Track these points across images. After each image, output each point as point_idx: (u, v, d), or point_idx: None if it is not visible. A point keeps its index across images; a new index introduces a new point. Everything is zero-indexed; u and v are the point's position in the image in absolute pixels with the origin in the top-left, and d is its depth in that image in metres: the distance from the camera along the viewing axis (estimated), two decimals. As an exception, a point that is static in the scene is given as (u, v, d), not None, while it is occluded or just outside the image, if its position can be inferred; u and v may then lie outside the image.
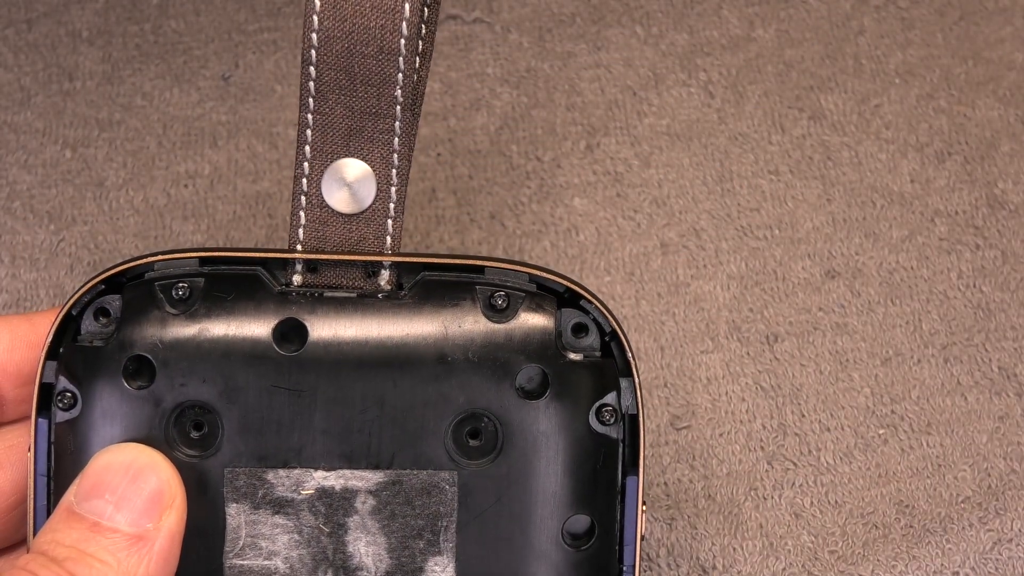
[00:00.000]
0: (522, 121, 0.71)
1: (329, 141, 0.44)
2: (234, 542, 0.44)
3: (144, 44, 0.73)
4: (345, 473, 0.44)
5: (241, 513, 0.44)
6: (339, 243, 0.45)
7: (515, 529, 0.45)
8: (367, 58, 0.43)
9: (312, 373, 0.44)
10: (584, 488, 0.45)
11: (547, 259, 0.65)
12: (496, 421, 0.44)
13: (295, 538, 0.44)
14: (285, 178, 0.68)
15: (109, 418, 0.44)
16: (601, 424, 0.45)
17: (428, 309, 0.44)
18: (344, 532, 0.44)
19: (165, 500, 0.43)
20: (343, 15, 0.42)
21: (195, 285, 0.44)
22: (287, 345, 0.44)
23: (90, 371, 0.44)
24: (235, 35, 0.73)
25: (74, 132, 0.69)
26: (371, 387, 0.44)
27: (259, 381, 0.44)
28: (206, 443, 0.44)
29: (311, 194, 0.45)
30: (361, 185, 0.45)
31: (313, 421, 0.44)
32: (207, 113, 0.70)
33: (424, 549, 0.45)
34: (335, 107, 0.44)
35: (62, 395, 0.44)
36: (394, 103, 0.44)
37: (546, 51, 0.73)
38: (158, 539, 0.42)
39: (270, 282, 0.45)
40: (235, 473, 0.44)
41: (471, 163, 0.69)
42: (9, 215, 0.66)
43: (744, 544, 0.57)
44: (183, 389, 0.44)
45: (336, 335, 0.44)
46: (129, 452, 0.43)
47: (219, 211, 0.67)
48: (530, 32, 0.74)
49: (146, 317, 0.44)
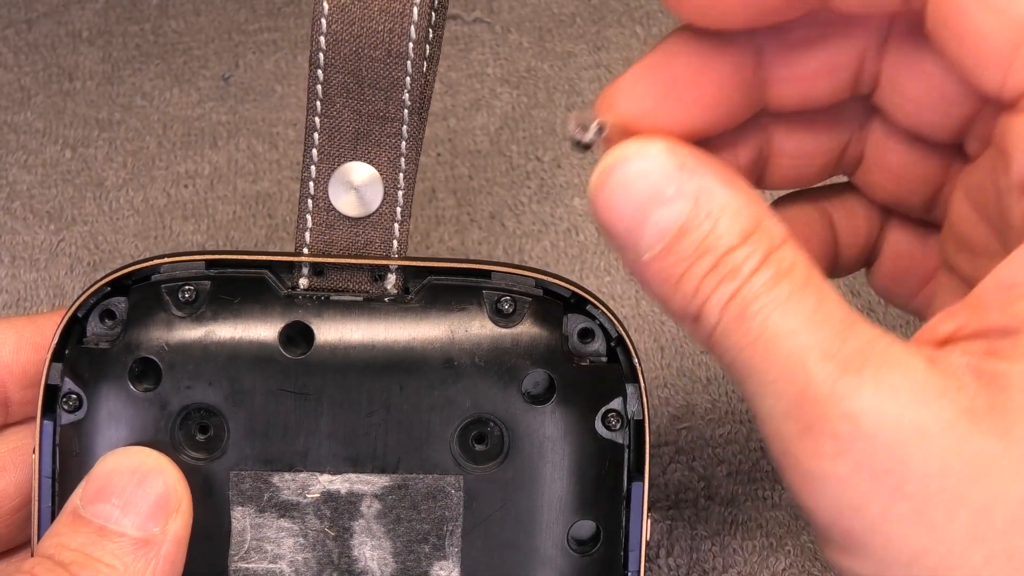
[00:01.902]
0: (522, 121, 0.71)
1: (336, 144, 0.44)
2: (239, 545, 0.44)
3: (144, 44, 0.73)
4: (351, 477, 0.44)
5: (246, 516, 0.44)
6: (346, 247, 0.45)
7: (520, 534, 0.45)
8: (375, 62, 0.43)
9: (318, 376, 0.44)
10: (589, 493, 0.45)
11: (547, 259, 0.65)
12: (502, 426, 0.44)
13: (300, 542, 0.44)
14: (285, 178, 0.68)
15: (115, 421, 0.44)
16: (607, 429, 0.45)
17: (434, 313, 0.44)
18: (350, 536, 0.44)
19: (171, 504, 0.42)
20: (351, 18, 0.42)
21: (201, 288, 0.44)
22: (293, 348, 0.44)
23: (96, 373, 0.44)
24: (235, 35, 0.73)
25: (74, 132, 0.69)
26: (377, 391, 0.44)
27: (265, 384, 0.44)
28: (212, 446, 0.44)
29: (318, 197, 0.44)
30: (368, 189, 0.44)
31: (319, 425, 0.44)
32: (207, 113, 0.70)
33: (429, 554, 0.45)
34: (342, 110, 0.44)
35: (67, 397, 0.44)
36: (402, 107, 0.43)
37: (546, 51, 0.73)
38: (164, 543, 0.42)
39: (276, 285, 0.45)
40: (240, 476, 0.44)
41: (471, 163, 0.69)
42: (9, 215, 0.66)
43: (744, 544, 0.57)
44: (189, 392, 0.44)
45: (342, 339, 0.44)
46: (135, 456, 0.43)
47: (219, 211, 0.67)
48: (530, 32, 0.74)
49: (152, 320, 0.44)
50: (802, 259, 0.39)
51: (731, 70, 0.42)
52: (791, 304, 0.38)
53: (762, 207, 0.40)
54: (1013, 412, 0.36)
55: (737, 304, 0.38)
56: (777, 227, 0.39)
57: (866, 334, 0.38)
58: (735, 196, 0.39)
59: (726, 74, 0.42)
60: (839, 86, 0.45)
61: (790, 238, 0.39)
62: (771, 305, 0.38)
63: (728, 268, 0.39)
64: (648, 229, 0.39)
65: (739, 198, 0.39)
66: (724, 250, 0.39)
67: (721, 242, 0.39)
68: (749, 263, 0.39)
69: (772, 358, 0.38)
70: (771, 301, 0.38)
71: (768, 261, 0.39)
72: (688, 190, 0.39)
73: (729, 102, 0.43)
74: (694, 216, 0.39)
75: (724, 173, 0.40)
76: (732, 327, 0.38)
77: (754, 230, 0.39)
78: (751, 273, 0.38)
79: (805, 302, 0.38)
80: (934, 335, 0.39)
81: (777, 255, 0.39)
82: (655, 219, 0.39)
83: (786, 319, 0.38)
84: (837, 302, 0.39)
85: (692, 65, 0.42)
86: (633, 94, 0.41)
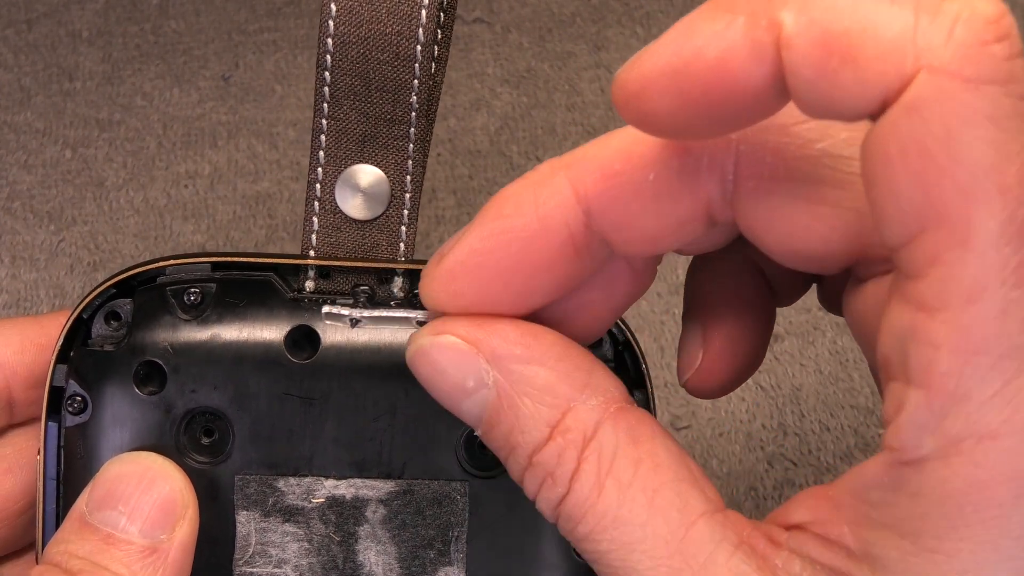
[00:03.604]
0: (522, 121, 0.71)
1: (343, 147, 0.44)
2: (244, 550, 0.44)
3: (144, 44, 0.73)
4: (356, 482, 0.44)
5: (251, 521, 0.44)
6: (352, 249, 0.45)
7: (525, 540, 0.45)
8: (383, 64, 0.43)
9: (323, 381, 0.44)
10: None
11: (548, 260, 0.65)
12: None
13: (305, 546, 0.44)
14: (285, 178, 0.68)
15: (119, 423, 0.44)
16: None
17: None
18: (354, 541, 0.44)
19: (178, 511, 0.42)
20: (359, 21, 0.42)
21: (207, 290, 0.44)
22: (299, 352, 0.44)
23: (100, 376, 0.44)
24: (235, 35, 0.73)
25: (74, 132, 0.69)
26: (383, 395, 0.44)
27: (270, 388, 0.44)
28: (216, 450, 0.44)
29: (324, 200, 0.44)
30: (375, 191, 0.44)
31: (324, 429, 0.44)
32: (207, 113, 0.70)
33: (434, 559, 0.44)
34: (350, 113, 0.44)
35: (72, 399, 0.44)
36: (409, 109, 0.43)
37: (546, 51, 0.73)
38: (171, 550, 0.42)
39: (282, 288, 0.44)
40: (245, 480, 0.44)
41: (471, 163, 0.69)
42: (9, 215, 0.66)
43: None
44: (194, 395, 0.43)
45: (348, 342, 0.44)
46: (142, 461, 0.43)
47: (219, 211, 0.67)
48: (530, 32, 0.74)
49: (157, 322, 0.44)
50: (623, 439, 0.36)
51: (558, 255, 0.38)
52: (624, 510, 0.36)
53: (575, 381, 0.37)
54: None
55: (567, 519, 0.37)
56: (591, 403, 0.37)
57: (705, 545, 0.36)
58: (543, 375, 0.37)
59: (556, 260, 0.38)
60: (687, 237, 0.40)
61: (606, 415, 0.37)
62: (606, 519, 0.36)
63: (542, 473, 0.37)
64: (464, 416, 0.38)
65: (547, 377, 0.37)
66: (531, 450, 0.37)
67: (526, 439, 0.37)
68: (564, 467, 0.36)
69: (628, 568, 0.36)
70: (603, 514, 0.36)
71: (586, 459, 0.36)
72: (488, 380, 0.37)
73: (561, 280, 0.38)
74: (496, 408, 0.37)
75: (535, 348, 0.37)
76: (574, 535, 0.37)
77: (561, 418, 0.37)
78: (570, 479, 0.36)
79: (635, 505, 0.36)
80: (787, 519, 0.37)
81: (595, 445, 0.36)
82: (466, 409, 0.38)
83: (625, 530, 0.35)
84: (672, 494, 0.36)
85: (513, 255, 0.38)
86: (452, 291, 0.38)
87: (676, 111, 0.33)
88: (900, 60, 0.30)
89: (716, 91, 0.32)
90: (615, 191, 0.37)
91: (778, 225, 0.38)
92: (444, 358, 0.37)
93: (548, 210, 0.37)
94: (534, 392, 0.37)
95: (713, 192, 0.37)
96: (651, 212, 0.37)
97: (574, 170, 0.37)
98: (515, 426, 0.37)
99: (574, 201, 0.37)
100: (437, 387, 0.38)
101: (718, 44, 0.31)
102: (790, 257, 0.38)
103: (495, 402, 0.37)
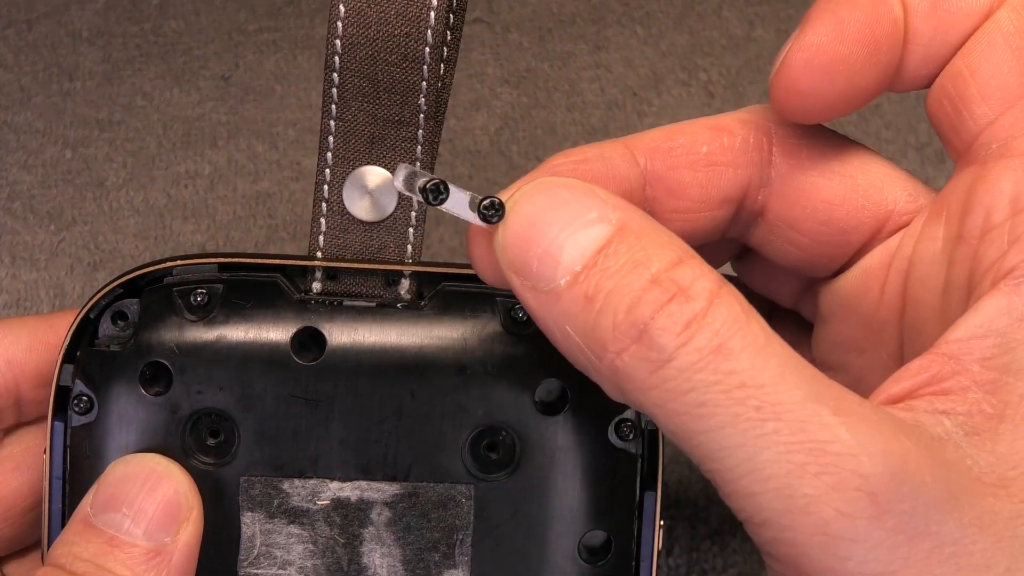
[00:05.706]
0: (522, 121, 0.71)
1: (351, 148, 0.44)
2: (248, 551, 0.44)
3: (144, 44, 0.72)
4: (361, 484, 0.44)
5: (256, 522, 0.44)
6: (359, 251, 0.45)
7: (531, 544, 0.45)
8: (391, 66, 0.43)
9: (330, 382, 0.43)
10: (601, 503, 0.45)
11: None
12: (514, 435, 0.44)
13: (310, 548, 0.44)
14: (285, 178, 0.68)
15: (125, 424, 0.43)
16: (620, 439, 0.44)
17: (448, 320, 0.44)
18: (359, 543, 0.44)
19: (183, 513, 0.42)
20: (368, 22, 0.42)
21: (214, 291, 0.44)
22: (305, 354, 0.44)
23: (107, 376, 0.44)
24: (235, 35, 0.73)
25: (74, 132, 0.69)
26: (389, 398, 0.44)
27: (276, 389, 0.43)
28: (222, 451, 0.44)
29: (332, 201, 0.44)
30: (383, 193, 0.44)
31: (330, 431, 0.44)
32: (207, 113, 0.70)
33: (439, 562, 0.44)
34: (358, 114, 0.43)
35: (78, 399, 0.44)
36: (418, 111, 0.43)
37: (546, 51, 0.73)
38: (175, 552, 0.42)
39: (289, 289, 0.44)
40: (251, 482, 0.44)
41: (471, 163, 0.69)
42: (9, 215, 0.66)
43: (744, 544, 0.57)
44: (200, 396, 0.43)
45: (355, 344, 0.44)
46: (146, 463, 0.43)
47: (219, 211, 0.67)
48: (530, 32, 0.74)
49: (164, 323, 0.44)
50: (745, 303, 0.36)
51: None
52: (771, 349, 0.35)
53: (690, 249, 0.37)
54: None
55: (705, 337, 0.35)
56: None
57: (837, 387, 0.35)
58: (662, 228, 0.37)
59: None
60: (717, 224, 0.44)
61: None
62: (751, 348, 0.34)
63: (674, 288, 0.35)
64: (568, 250, 0.36)
65: (666, 231, 0.37)
66: (666, 266, 0.36)
67: (657, 257, 0.36)
68: (699, 286, 0.35)
69: (769, 407, 0.34)
70: (750, 344, 0.34)
71: (723, 291, 0.35)
72: (611, 216, 0.36)
73: None
74: (621, 235, 0.36)
75: (650, 219, 0.37)
76: (700, 363, 0.34)
77: (690, 258, 0.36)
78: (709, 300, 0.35)
79: (778, 349, 0.35)
80: (887, 395, 0.37)
81: (728, 287, 0.36)
82: (576, 239, 0.36)
83: (769, 366, 0.34)
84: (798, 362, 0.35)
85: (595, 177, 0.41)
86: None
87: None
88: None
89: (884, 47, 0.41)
90: (672, 159, 0.42)
91: (813, 197, 0.43)
92: (569, 191, 0.37)
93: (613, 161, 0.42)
94: (661, 234, 0.37)
95: (753, 171, 0.43)
96: (700, 182, 0.43)
97: (633, 141, 0.43)
98: (642, 249, 0.36)
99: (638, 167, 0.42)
100: (547, 214, 0.37)
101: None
102: (823, 231, 0.43)
103: (618, 232, 0.36)
